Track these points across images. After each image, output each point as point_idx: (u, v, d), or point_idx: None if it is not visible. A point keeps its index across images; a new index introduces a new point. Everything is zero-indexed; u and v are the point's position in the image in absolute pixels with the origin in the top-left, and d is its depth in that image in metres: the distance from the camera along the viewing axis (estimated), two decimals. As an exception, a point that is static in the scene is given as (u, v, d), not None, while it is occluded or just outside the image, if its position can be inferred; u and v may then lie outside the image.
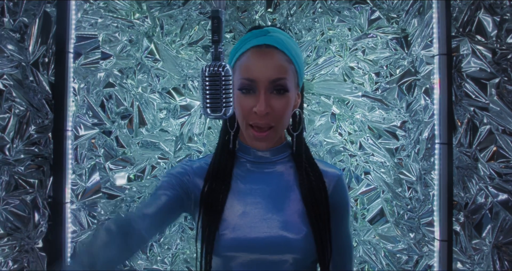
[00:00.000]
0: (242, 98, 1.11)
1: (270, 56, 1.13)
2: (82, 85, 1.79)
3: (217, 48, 1.02)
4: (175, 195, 1.14)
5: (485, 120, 1.61)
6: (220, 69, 0.99)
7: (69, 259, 1.72)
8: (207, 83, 1.00)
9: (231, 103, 1.01)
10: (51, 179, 1.75)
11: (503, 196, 1.58)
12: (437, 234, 1.57)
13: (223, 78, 0.99)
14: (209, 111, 1.00)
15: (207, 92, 1.00)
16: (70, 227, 1.74)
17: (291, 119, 1.20)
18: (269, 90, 1.11)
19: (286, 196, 1.18)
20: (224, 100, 0.99)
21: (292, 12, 1.83)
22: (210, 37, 1.80)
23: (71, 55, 1.74)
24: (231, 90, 1.00)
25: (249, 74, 1.11)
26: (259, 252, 1.13)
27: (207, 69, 0.99)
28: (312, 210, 1.14)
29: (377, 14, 1.76)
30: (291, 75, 1.13)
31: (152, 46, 1.81)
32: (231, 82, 1.00)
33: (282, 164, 1.22)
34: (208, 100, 1.00)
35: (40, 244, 1.74)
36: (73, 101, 1.76)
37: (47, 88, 1.76)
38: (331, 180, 1.21)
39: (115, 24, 1.81)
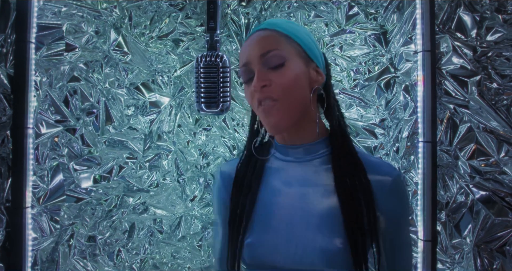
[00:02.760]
0: (247, 88, 1.03)
1: (258, 37, 1.06)
2: (44, 79, 1.68)
3: (213, 37, 0.95)
4: None
5: (465, 118, 1.60)
6: (218, 59, 0.92)
7: (29, 270, 1.59)
8: (202, 75, 0.92)
9: (229, 98, 0.94)
10: (9, 181, 1.61)
11: (483, 194, 1.58)
12: (420, 234, 1.55)
13: (221, 69, 0.91)
14: (204, 107, 0.93)
15: (202, 85, 0.93)
16: (30, 234, 1.62)
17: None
18: (264, 66, 1.02)
19: (320, 202, 1.04)
20: (221, 94, 0.92)
21: (266, 6, 1.76)
22: (181, 30, 1.76)
23: (32, 46, 1.62)
24: (228, 84, 0.93)
25: (243, 59, 1.04)
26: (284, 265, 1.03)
27: (203, 59, 0.92)
28: (350, 219, 0.99)
29: (355, 9, 1.72)
30: (287, 47, 1.04)
31: (120, 38, 1.71)
32: (228, 74, 0.93)
33: (321, 163, 1.09)
34: (203, 95, 0.92)
35: (-3, 253, 1.60)
36: (34, 96, 1.65)
37: (5, 81, 1.62)
38: (383, 182, 1.04)
39: (81, 14, 1.69)
